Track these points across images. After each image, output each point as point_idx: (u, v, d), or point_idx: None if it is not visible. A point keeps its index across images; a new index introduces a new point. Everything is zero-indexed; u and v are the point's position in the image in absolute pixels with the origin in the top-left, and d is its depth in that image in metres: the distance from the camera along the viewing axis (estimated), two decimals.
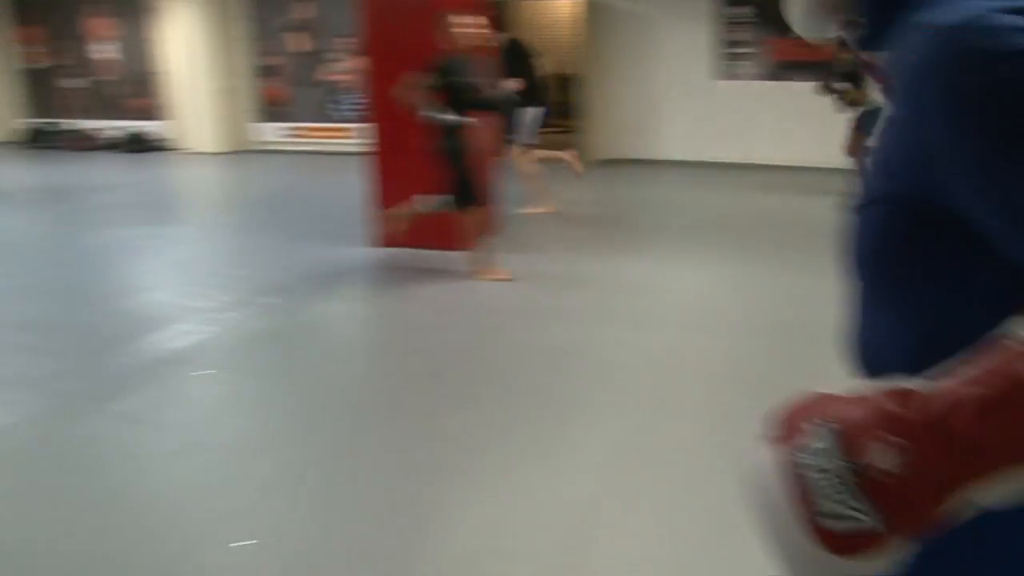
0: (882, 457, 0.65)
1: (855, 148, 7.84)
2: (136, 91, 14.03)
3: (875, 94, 7.71)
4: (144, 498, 3.00)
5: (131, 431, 3.50)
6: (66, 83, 14.75)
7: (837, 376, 0.84)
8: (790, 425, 0.71)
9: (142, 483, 3.12)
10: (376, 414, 3.70)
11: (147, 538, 2.71)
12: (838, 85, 7.61)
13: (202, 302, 5.21)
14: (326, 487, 3.05)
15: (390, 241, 6.27)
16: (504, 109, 6.70)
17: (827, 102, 7.78)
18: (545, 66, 8.98)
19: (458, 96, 5.36)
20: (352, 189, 7.91)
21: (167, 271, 6.26)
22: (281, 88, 13.30)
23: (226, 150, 13.18)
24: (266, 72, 13.30)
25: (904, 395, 0.66)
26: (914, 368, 0.71)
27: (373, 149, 6.45)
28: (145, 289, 5.59)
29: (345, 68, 12.34)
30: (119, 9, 13.74)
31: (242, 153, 13.08)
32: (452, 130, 5.44)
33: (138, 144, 13.80)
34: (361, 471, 3.17)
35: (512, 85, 7.05)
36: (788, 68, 10.46)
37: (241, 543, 2.65)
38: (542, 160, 7.85)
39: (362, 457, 3.29)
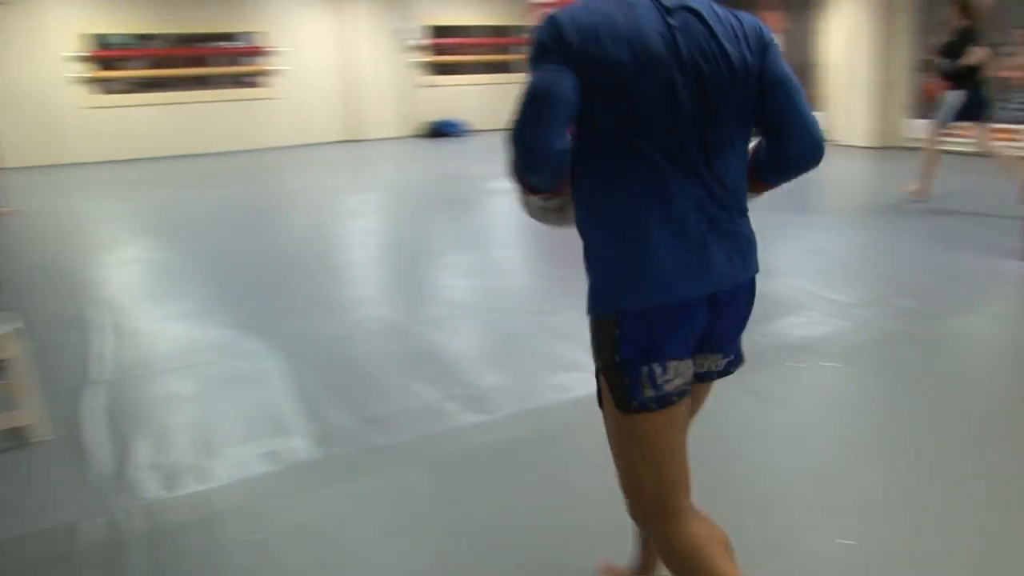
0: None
1: None
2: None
3: None
4: (745, 470, 3.14)
5: (755, 407, 3.67)
6: None
7: None
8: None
9: (753, 457, 3.26)
10: (999, 438, 3.35)
11: (753, 507, 2.84)
12: None
13: (834, 294, 5.22)
14: (934, 503, 2.86)
15: None
16: None
17: None
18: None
19: None
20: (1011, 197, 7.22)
21: (801, 258, 6.39)
22: (940, 84, 12.53)
23: (875, 145, 12.90)
24: (927, 67, 12.64)
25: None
26: None
27: None
28: (780, 273, 5.77)
29: (1022, 63, 11.15)
30: (789, 3, 14.22)
31: (891, 149, 12.67)
32: None
33: None
34: (973, 495, 2.90)
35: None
36: None
37: (844, 541, 2.63)
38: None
39: (975, 480, 3.01)
